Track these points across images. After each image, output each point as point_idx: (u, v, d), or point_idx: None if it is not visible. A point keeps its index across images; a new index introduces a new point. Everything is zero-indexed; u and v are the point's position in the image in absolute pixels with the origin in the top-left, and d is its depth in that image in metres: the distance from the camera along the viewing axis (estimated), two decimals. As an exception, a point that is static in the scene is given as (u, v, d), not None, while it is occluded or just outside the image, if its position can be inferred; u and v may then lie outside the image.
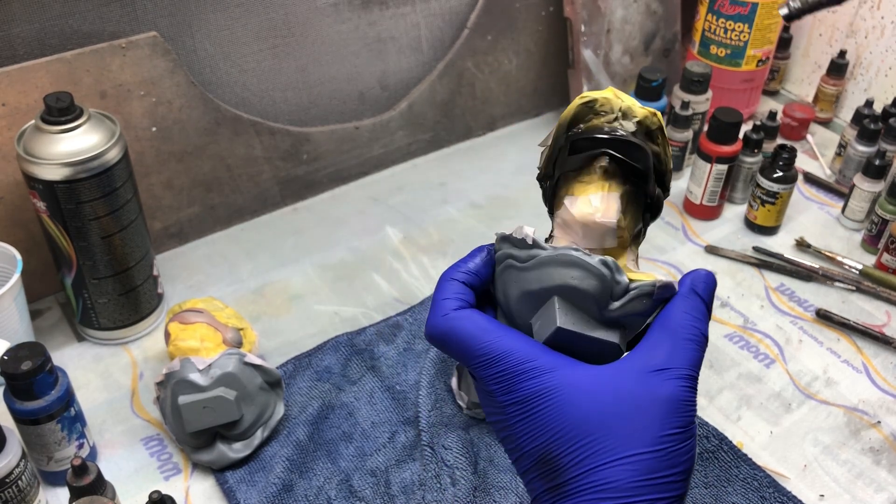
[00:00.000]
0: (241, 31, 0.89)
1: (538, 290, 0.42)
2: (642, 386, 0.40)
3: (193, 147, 0.88)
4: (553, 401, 0.40)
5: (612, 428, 0.39)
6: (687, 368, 0.41)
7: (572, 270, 0.41)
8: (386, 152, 1.05)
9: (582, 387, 0.40)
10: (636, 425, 0.39)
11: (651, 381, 0.40)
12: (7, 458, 0.60)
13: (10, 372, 0.61)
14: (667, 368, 0.40)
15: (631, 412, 0.39)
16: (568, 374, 0.40)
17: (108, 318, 0.79)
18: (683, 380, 0.40)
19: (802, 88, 1.24)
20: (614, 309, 0.41)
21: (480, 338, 0.42)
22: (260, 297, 0.87)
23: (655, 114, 0.43)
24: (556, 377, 0.40)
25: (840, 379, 0.81)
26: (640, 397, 0.40)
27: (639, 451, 0.39)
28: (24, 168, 0.70)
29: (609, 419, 0.39)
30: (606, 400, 0.39)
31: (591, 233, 0.43)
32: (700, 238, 0.97)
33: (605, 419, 0.39)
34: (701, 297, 0.42)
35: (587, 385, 0.40)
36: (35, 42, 0.77)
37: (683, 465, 0.40)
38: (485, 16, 1.03)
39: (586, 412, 0.39)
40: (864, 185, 0.96)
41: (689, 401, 0.40)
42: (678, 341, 0.41)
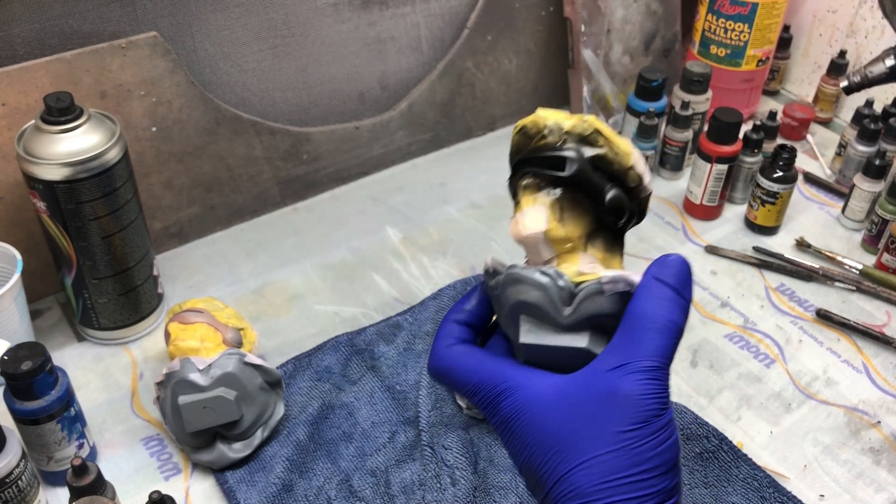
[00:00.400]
0: (241, 31, 0.89)
1: (508, 312, 0.44)
2: (599, 386, 0.40)
3: (193, 147, 0.88)
4: (525, 416, 0.41)
5: (575, 433, 0.40)
6: (646, 359, 0.39)
7: (518, 286, 0.42)
8: (386, 152, 1.05)
9: (546, 398, 0.41)
10: (597, 427, 0.39)
11: (607, 379, 0.40)
12: (7, 458, 0.60)
13: (10, 372, 0.61)
14: (623, 364, 0.40)
15: (592, 414, 0.39)
16: (535, 387, 0.42)
17: (108, 318, 0.79)
18: (641, 373, 0.39)
19: (802, 88, 1.24)
20: (569, 314, 0.41)
21: (466, 369, 0.44)
22: (260, 297, 0.87)
23: (585, 119, 0.44)
24: (524, 394, 0.42)
25: (840, 379, 0.81)
26: (598, 398, 0.40)
27: (599, 453, 0.39)
28: (24, 168, 0.70)
29: (571, 425, 0.40)
30: (567, 406, 0.40)
31: (529, 246, 0.45)
32: (700, 238, 0.97)
33: (567, 426, 0.40)
34: (666, 283, 0.41)
35: (550, 396, 0.41)
36: (35, 42, 0.77)
37: (654, 461, 0.39)
38: (485, 16, 1.03)
39: (552, 422, 0.40)
40: (865, 185, 0.96)
41: (648, 394, 0.39)
42: (638, 333, 0.40)
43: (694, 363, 0.82)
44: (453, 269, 0.91)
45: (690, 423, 0.73)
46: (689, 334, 0.84)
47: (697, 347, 0.83)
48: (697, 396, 0.78)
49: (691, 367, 0.81)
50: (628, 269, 0.44)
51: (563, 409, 0.40)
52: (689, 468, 0.71)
